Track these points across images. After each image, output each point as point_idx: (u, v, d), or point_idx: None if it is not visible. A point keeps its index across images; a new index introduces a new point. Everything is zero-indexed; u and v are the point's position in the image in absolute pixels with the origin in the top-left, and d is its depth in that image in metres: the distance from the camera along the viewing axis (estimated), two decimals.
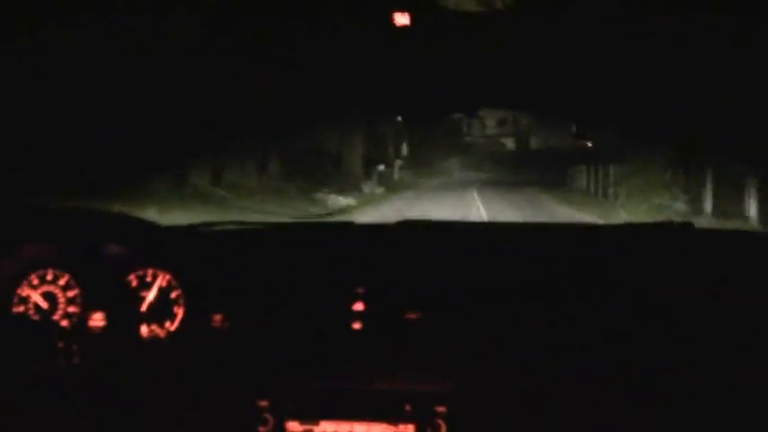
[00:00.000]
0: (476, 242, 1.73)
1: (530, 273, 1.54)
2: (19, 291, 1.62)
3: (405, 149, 33.73)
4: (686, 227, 1.68)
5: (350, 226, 1.83)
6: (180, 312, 1.58)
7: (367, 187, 21.34)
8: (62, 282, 1.62)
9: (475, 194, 17.82)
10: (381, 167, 25.30)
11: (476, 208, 13.63)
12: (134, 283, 1.60)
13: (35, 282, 1.63)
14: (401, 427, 1.39)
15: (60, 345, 1.48)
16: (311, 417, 1.41)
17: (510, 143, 41.96)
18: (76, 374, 1.48)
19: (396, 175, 29.54)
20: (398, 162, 30.54)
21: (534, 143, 40.17)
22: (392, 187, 24.91)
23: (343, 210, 13.90)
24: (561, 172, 26.25)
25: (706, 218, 10.25)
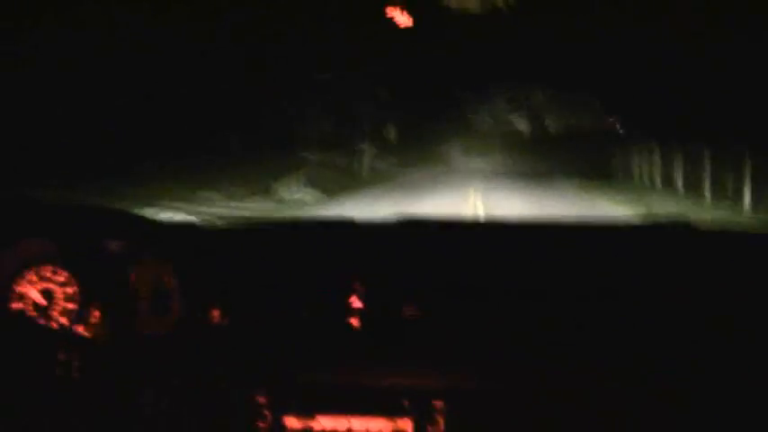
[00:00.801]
0: (475, 239, 2.07)
1: (529, 270, 1.88)
2: (17, 287, 1.92)
3: (391, 130, 31.23)
4: (686, 226, 2.02)
5: (349, 222, 2.15)
6: (179, 308, 1.90)
7: (289, 190, 16.16)
8: (60, 278, 1.92)
9: (479, 203, 14.85)
10: (313, 157, 19.44)
11: None
12: (132, 279, 1.91)
13: (33, 278, 1.93)
14: (399, 422, 1.71)
15: (61, 355, 1.78)
16: (309, 412, 1.72)
17: (522, 123, 41.02)
18: (75, 374, 1.78)
19: (365, 165, 23.89)
20: (366, 147, 25.46)
21: (551, 123, 39.67)
22: (347, 185, 18.35)
23: None
24: (601, 158, 24.16)
25: None
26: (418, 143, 29.23)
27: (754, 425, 1.67)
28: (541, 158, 27.84)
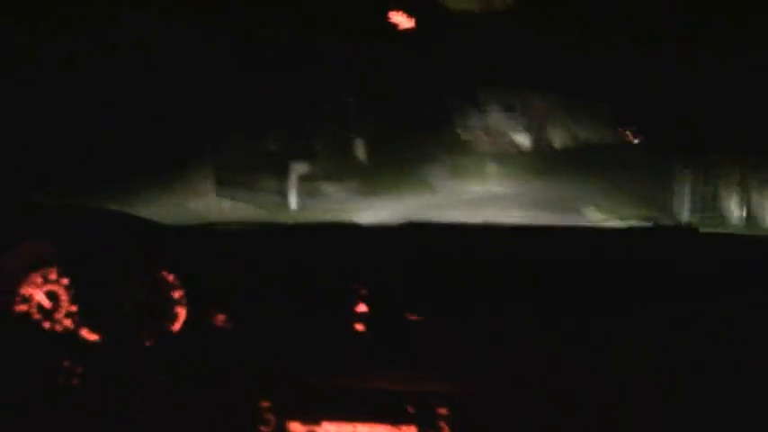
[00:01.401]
0: (479, 243, 2.61)
1: (532, 274, 2.37)
2: (22, 289, 2.48)
3: (360, 148, 30.18)
4: (688, 229, 2.66)
5: (353, 227, 2.77)
6: (182, 312, 2.48)
7: None
8: (65, 281, 2.49)
9: None
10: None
11: None
12: (135, 282, 2.43)
13: (38, 280, 2.50)
14: (403, 427, 2.28)
15: (65, 357, 2.26)
16: (313, 417, 2.31)
17: (521, 137, 40.93)
18: (78, 375, 2.23)
19: (293, 199, 19.53)
20: (296, 171, 20.25)
21: (555, 137, 39.83)
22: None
23: None
24: (611, 174, 24.67)
25: None
26: (391, 162, 26.95)
27: (755, 425, 2.16)
28: (544, 177, 27.87)
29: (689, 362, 2.21)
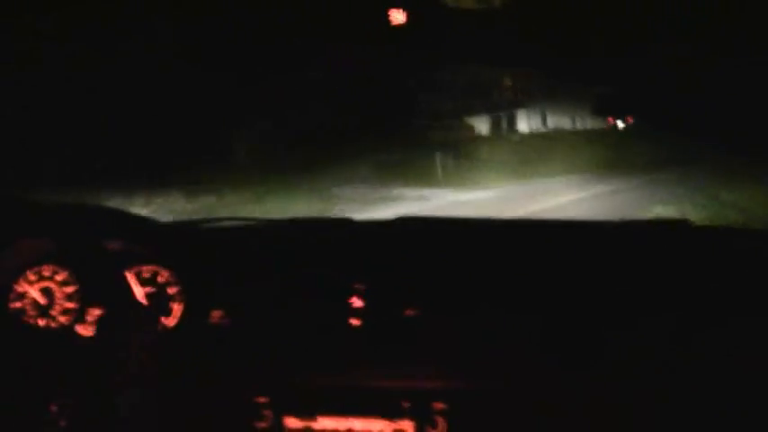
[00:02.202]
0: (476, 238, 2.55)
1: (529, 270, 2.33)
2: (16, 286, 2.39)
3: (241, 147, 21.49)
4: (682, 224, 2.53)
5: (349, 222, 2.67)
6: (179, 309, 2.38)
7: None
8: (60, 278, 2.39)
9: None
10: None
11: None
12: (133, 280, 2.35)
13: (33, 277, 2.40)
14: (400, 423, 2.13)
15: (60, 354, 2.18)
16: (309, 413, 2.16)
17: (484, 125, 38.25)
18: (74, 372, 2.17)
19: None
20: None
21: (527, 124, 38.22)
22: None
23: None
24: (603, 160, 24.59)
25: None
26: (302, 159, 20.58)
27: (755, 425, 2.07)
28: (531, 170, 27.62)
29: (688, 358, 2.13)
